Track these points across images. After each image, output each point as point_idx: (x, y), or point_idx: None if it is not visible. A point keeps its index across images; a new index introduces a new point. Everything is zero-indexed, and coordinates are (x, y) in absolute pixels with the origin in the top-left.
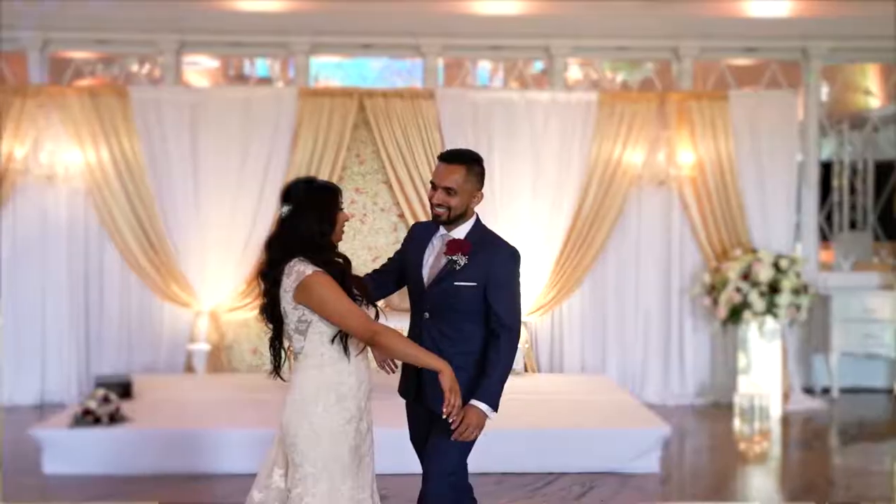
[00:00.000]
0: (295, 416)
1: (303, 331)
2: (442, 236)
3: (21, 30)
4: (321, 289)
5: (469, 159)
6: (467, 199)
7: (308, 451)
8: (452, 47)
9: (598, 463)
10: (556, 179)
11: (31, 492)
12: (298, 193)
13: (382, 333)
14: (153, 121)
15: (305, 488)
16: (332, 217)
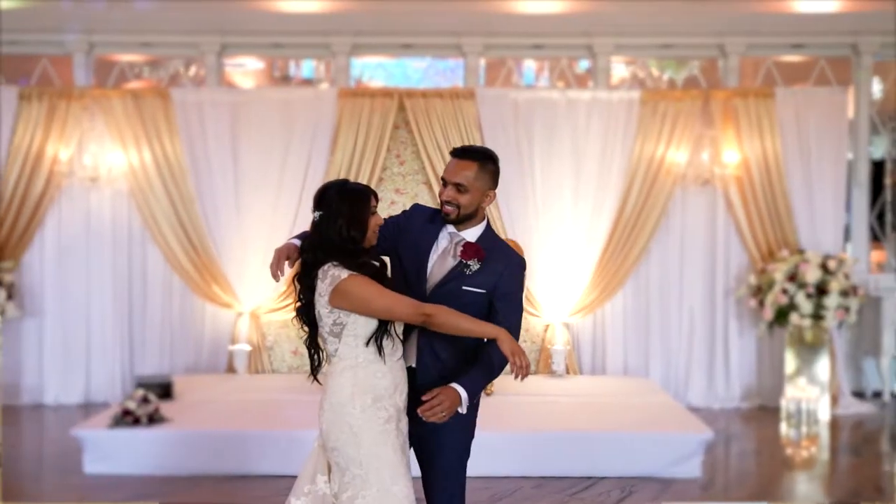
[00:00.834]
0: (334, 419)
1: (337, 333)
2: (451, 235)
3: (67, 33)
4: (360, 289)
5: (482, 156)
6: (478, 197)
7: (351, 453)
8: (494, 46)
9: (639, 467)
10: (597, 179)
11: (71, 491)
12: (330, 198)
13: (434, 313)
14: (195, 122)
15: (355, 491)
16: (363, 222)
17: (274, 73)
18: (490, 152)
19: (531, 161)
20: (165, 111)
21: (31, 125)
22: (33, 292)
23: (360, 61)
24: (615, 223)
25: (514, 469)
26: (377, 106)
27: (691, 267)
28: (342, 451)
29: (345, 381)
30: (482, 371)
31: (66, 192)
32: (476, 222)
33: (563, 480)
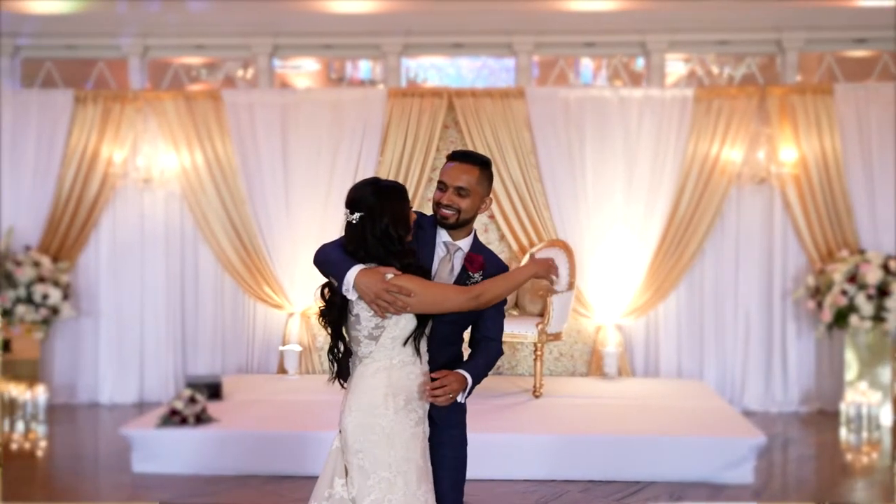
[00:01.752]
0: (363, 420)
1: (376, 336)
2: (446, 245)
3: (122, 37)
4: (412, 285)
5: (483, 161)
6: (478, 203)
7: (381, 455)
8: (545, 45)
9: (689, 472)
10: (650, 178)
11: (118, 490)
12: (368, 198)
13: (483, 291)
14: (246, 123)
15: (381, 494)
16: (407, 218)
17: (330, 74)
18: (488, 159)
19: (582, 160)
20: (217, 113)
21: (87, 128)
22: (88, 293)
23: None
24: (668, 223)
25: (560, 472)
26: (427, 106)
27: (747, 268)
28: (369, 454)
29: (378, 383)
30: (484, 361)
31: (120, 193)
32: (468, 231)
33: (611, 485)
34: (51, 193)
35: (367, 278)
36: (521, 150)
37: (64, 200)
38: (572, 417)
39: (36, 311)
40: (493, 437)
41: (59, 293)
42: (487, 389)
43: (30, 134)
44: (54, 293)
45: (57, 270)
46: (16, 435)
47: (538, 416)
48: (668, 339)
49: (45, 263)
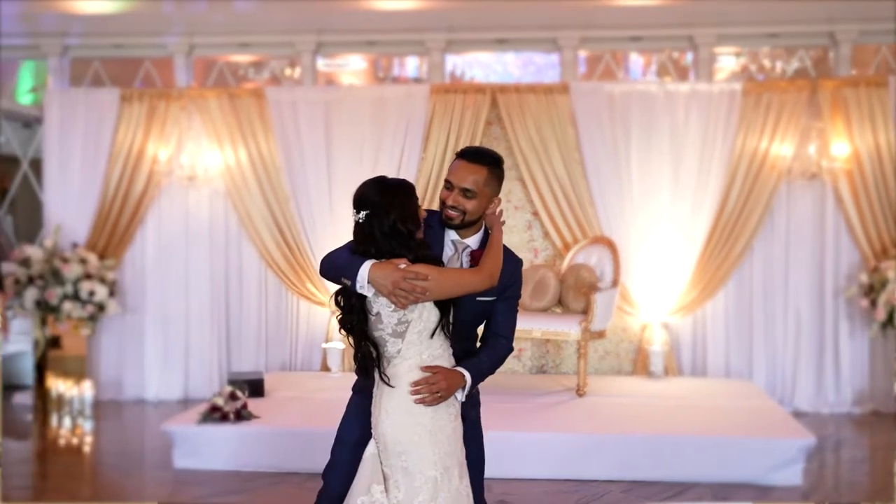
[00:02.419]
0: (404, 420)
1: (401, 333)
2: (454, 243)
3: (168, 36)
4: (429, 272)
5: (492, 160)
6: (485, 204)
7: (427, 454)
8: (591, 40)
9: (735, 473)
10: (697, 174)
11: (159, 485)
12: (373, 196)
13: (491, 269)
14: (289, 121)
15: (430, 493)
16: (416, 213)
17: (378, 73)
18: (499, 156)
19: (627, 156)
20: (260, 110)
21: (132, 126)
22: (134, 290)
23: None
24: (716, 220)
25: (602, 472)
26: (469, 102)
27: (798, 265)
28: (414, 454)
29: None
30: (490, 359)
31: (165, 191)
32: (478, 228)
33: (654, 485)
34: (97, 191)
35: (381, 270)
36: (565, 146)
37: (110, 198)
38: (616, 416)
39: (82, 308)
40: (535, 435)
41: (106, 290)
42: (530, 388)
43: (77, 132)
44: (100, 290)
45: (103, 268)
46: (62, 430)
47: (581, 415)
48: (716, 337)
49: (91, 261)
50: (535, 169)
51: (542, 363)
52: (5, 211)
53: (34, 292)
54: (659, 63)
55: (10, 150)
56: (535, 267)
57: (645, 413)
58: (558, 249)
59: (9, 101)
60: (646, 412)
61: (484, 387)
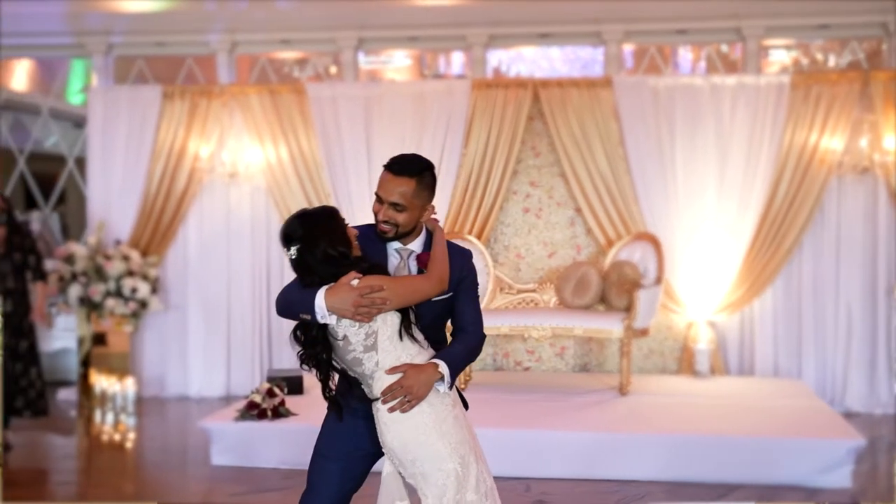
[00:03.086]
0: (405, 426)
1: (372, 345)
2: (399, 251)
3: (210, 33)
4: (377, 283)
5: (419, 169)
6: (417, 214)
7: (439, 448)
8: (635, 33)
9: (782, 475)
10: (744, 169)
11: (195, 482)
12: (299, 228)
13: (439, 274)
14: (329, 117)
15: (455, 486)
16: (344, 234)
17: (423, 70)
18: (427, 163)
19: (672, 151)
20: (301, 106)
21: (174, 123)
22: (176, 287)
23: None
24: (763, 216)
25: (645, 472)
26: (511, 97)
27: (849, 261)
28: (425, 456)
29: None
30: (463, 347)
31: (206, 188)
32: (419, 232)
33: (698, 486)
34: (140, 189)
35: (337, 295)
36: (608, 141)
37: (153, 196)
38: (660, 416)
39: (125, 305)
40: (576, 434)
41: (148, 287)
42: (572, 386)
43: (120, 130)
44: (143, 287)
45: (146, 265)
46: (105, 427)
47: (623, 415)
48: (763, 336)
49: (134, 257)
50: (578, 164)
51: (584, 361)
52: (51, 209)
53: (78, 289)
54: (708, 58)
55: (59, 149)
56: (578, 264)
57: (689, 412)
58: (601, 246)
59: (57, 101)
60: (690, 412)
61: (526, 384)
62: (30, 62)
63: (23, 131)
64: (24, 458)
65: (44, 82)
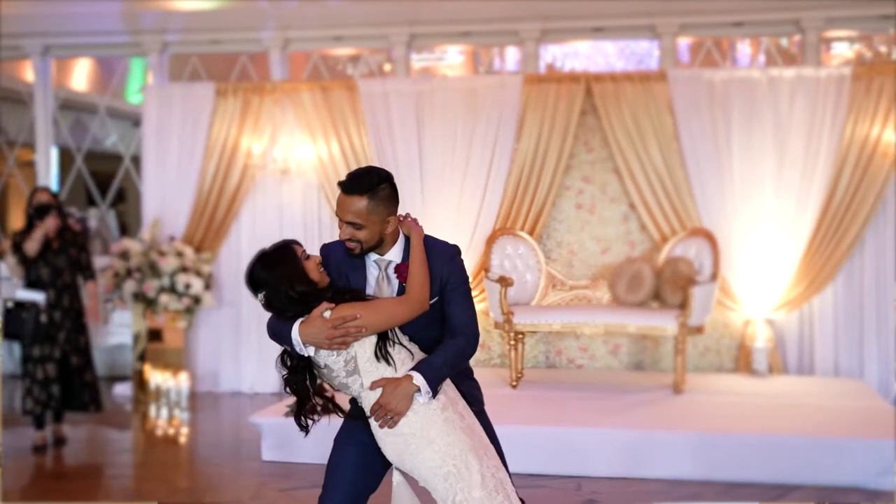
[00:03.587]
0: (397, 439)
1: (354, 369)
2: (377, 262)
3: (263, 31)
4: (349, 312)
5: (371, 185)
6: (378, 228)
7: (431, 455)
8: (691, 26)
9: (841, 476)
10: (803, 163)
11: (245, 477)
12: (260, 272)
13: (417, 296)
14: (381, 113)
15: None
16: (302, 272)
17: (478, 67)
18: (379, 177)
19: (728, 145)
20: (352, 102)
21: (227, 120)
22: (229, 283)
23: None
24: (823, 211)
25: (698, 473)
26: (563, 92)
27: None
28: (423, 464)
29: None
30: (444, 355)
31: (259, 184)
32: (394, 240)
33: (753, 487)
34: (194, 185)
35: (310, 328)
36: (662, 136)
37: (206, 192)
38: (714, 415)
39: (179, 301)
40: (628, 433)
41: (201, 283)
42: (625, 384)
43: (174, 127)
44: (196, 283)
45: (199, 261)
46: (160, 422)
47: (677, 413)
48: (823, 334)
49: (187, 254)
50: (632, 159)
51: (639, 359)
52: (108, 206)
53: (132, 284)
54: (767, 53)
55: (117, 148)
56: (631, 260)
57: (745, 412)
58: (655, 242)
59: (117, 101)
60: (746, 411)
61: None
62: (90, 63)
63: (82, 130)
64: (78, 452)
65: (103, 82)
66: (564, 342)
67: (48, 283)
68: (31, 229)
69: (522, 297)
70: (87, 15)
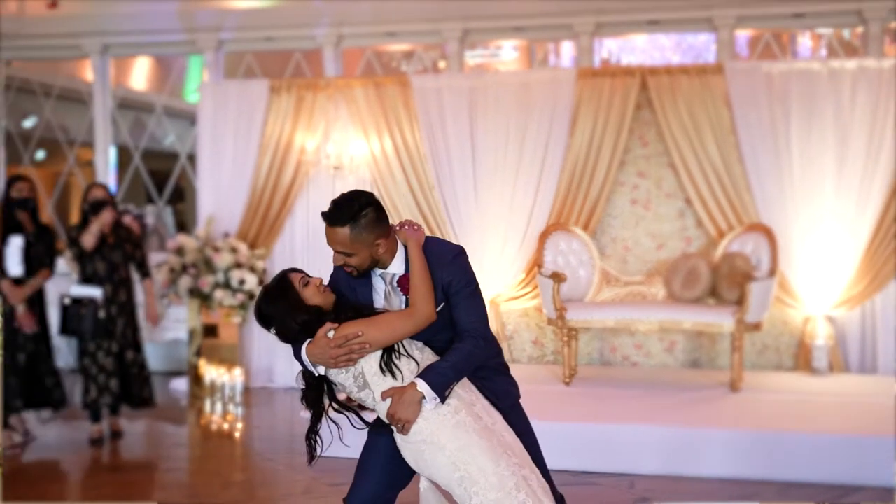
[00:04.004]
0: (412, 446)
1: (363, 384)
2: (382, 276)
3: (317, 27)
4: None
5: (350, 214)
6: (367, 252)
7: (443, 461)
8: (749, 18)
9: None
10: (864, 157)
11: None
12: (266, 308)
13: (422, 309)
14: (433, 108)
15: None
16: (300, 302)
17: (533, 63)
18: (360, 204)
19: (787, 139)
20: (405, 98)
21: (281, 116)
22: None
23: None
24: (886, 204)
25: (754, 472)
26: (618, 86)
27: None
28: (438, 469)
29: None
30: (451, 360)
31: (312, 180)
32: (393, 253)
33: (811, 487)
34: (248, 182)
35: (314, 349)
36: (719, 130)
37: (260, 188)
38: (772, 413)
39: (233, 297)
40: (682, 431)
41: (255, 279)
42: (681, 382)
43: (228, 124)
44: (250, 279)
45: (253, 257)
46: (214, 416)
47: (733, 412)
48: (886, 331)
49: (242, 250)
50: (688, 154)
51: (695, 357)
52: (165, 203)
53: (188, 280)
54: (829, 47)
55: (174, 146)
56: (687, 256)
57: (804, 410)
58: (712, 238)
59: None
60: (805, 409)
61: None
62: (149, 62)
63: (141, 129)
64: (134, 446)
65: (162, 81)
66: (619, 339)
67: (105, 278)
68: (87, 224)
69: (575, 293)
70: (145, 14)
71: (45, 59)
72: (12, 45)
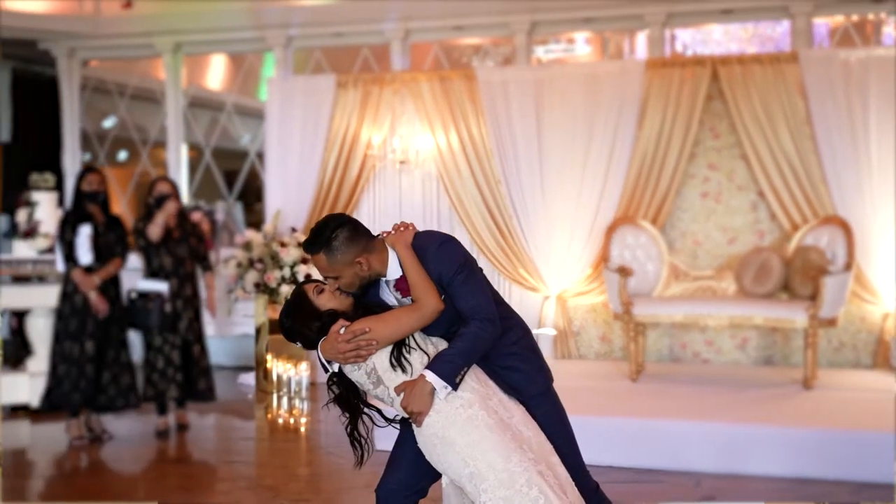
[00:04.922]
0: (425, 441)
1: (378, 380)
2: (385, 283)
3: (385, 22)
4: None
5: (324, 241)
6: (351, 272)
7: (453, 458)
8: (826, 5)
9: None
10: None
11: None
12: (287, 321)
13: (426, 302)
14: (499, 102)
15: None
16: (315, 311)
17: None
18: (331, 225)
19: (865, 129)
20: (471, 92)
21: (348, 111)
22: None
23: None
24: None
25: (827, 471)
26: (688, 76)
27: None
28: (449, 466)
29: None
30: (455, 347)
31: (379, 175)
32: (384, 263)
33: (886, 488)
34: (315, 176)
35: (326, 345)
36: (793, 120)
37: (327, 183)
38: (846, 412)
39: None
40: (751, 428)
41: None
42: (753, 379)
43: (295, 119)
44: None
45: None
46: (280, 411)
47: (806, 409)
48: None
49: None
50: (761, 145)
51: (768, 354)
52: (234, 198)
53: (254, 275)
54: None
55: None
56: (758, 250)
57: (881, 408)
58: (785, 231)
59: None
60: (882, 407)
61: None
62: (223, 61)
63: (213, 127)
64: (200, 438)
65: (235, 80)
66: (689, 335)
67: (171, 272)
68: (151, 217)
69: (643, 287)
70: (216, 12)
71: (119, 58)
72: (88, 45)
